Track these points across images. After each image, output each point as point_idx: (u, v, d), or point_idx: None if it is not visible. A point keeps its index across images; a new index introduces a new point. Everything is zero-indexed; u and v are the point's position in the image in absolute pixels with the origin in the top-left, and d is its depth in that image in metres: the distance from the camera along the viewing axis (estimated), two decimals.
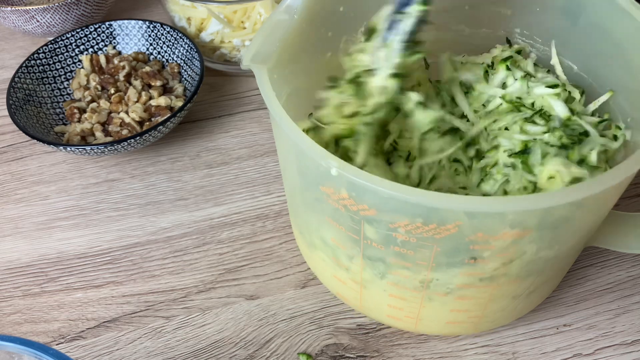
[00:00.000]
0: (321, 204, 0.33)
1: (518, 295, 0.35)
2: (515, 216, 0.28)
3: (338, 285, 0.39)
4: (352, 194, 0.29)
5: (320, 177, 0.31)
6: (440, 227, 0.28)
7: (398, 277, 0.34)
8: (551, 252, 0.32)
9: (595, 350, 0.40)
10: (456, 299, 0.34)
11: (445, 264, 0.31)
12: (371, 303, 0.38)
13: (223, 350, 0.41)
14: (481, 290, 0.33)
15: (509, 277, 0.33)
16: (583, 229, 0.33)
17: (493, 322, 0.38)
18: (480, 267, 0.31)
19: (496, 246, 0.30)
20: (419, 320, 0.37)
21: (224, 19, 0.57)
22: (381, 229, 0.30)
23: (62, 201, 0.51)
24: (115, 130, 0.53)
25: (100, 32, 0.59)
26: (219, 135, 0.56)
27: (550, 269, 0.35)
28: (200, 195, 0.51)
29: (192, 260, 0.46)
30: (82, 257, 0.47)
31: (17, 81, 0.54)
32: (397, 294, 0.35)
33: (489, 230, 0.29)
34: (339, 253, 0.35)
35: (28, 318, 0.43)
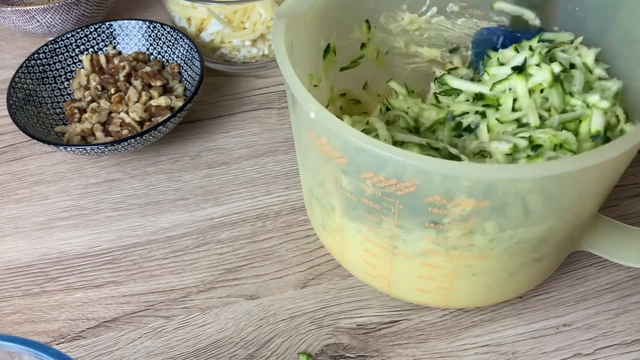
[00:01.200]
0: (310, 151, 0.35)
1: (484, 276, 0.36)
2: (470, 183, 0.29)
3: (326, 237, 0.41)
4: (328, 140, 0.32)
5: (306, 122, 0.33)
6: (400, 184, 0.30)
7: (370, 232, 0.35)
8: (517, 235, 0.32)
9: (595, 350, 0.40)
10: (423, 265, 0.35)
11: (409, 224, 0.33)
12: (350, 256, 0.39)
13: (223, 350, 0.41)
14: (445, 260, 0.34)
15: (471, 252, 0.33)
16: (555, 220, 0.33)
17: (462, 299, 0.39)
18: (441, 234, 0.32)
19: (455, 213, 0.30)
20: (391, 282, 0.38)
21: (224, 19, 0.57)
22: (352, 179, 0.32)
23: (62, 201, 0.51)
24: (115, 130, 0.53)
25: (100, 32, 0.59)
26: (219, 135, 0.56)
27: (519, 258, 0.35)
28: (200, 195, 0.51)
29: (192, 260, 0.46)
30: (82, 257, 0.47)
31: (18, 81, 0.54)
32: (371, 249, 0.36)
33: (445, 195, 0.29)
34: (324, 202, 0.37)
35: (28, 318, 0.43)
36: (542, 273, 0.39)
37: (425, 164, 0.28)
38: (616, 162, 0.31)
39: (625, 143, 0.28)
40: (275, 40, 0.34)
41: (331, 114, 0.30)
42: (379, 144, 0.28)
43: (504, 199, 0.30)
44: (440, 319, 0.42)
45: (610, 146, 0.28)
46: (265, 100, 0.59)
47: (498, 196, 0.30)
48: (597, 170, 0.30)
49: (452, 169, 0.28)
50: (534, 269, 0.37)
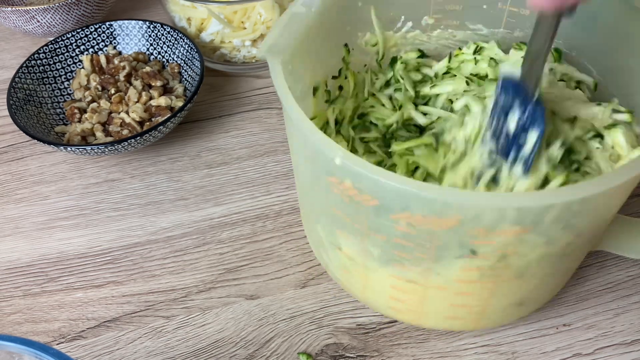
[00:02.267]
0: (328, 195, 0.33)
1: (519, 294, 0.35)
2: (517, 213, 0.28)
3: (342, 275, 0.39)
4: (354, 183, 0.30)
5: (326, 167, 0.31)
6: (440, 220, 0.29)
7: (400, 269, 0.34)
8: (552, 252, 0.32)
9: (595, 350, 0.40)
10: (455, 295, 0.34)
11: (445, 257, 0.32)
12: (373, 294, 0.38)
13: (223, 350, 0.41)
14: (480, 286, 0.34)
15: (506, 274, 0.33)
16: (585, 232, 0.33)
17: (494, 320, 0.38)
18: (479, 262, 0.31)
19: (496, 242, 0.30)
20: (422, 315, 0.37)
21: (224, 19, 0.57)
22: (384, 219, 0.31)
23: (63, 201, 0.51)
24: (115, 130, 0.53)
25: (100, 32, 0.59)
26: (219, 135, 0.56)
27: (551, 270, 0.35)
28: (200, 195, 0.51)
29: (192, 260, 0.46)
30: (82, 257, 0.47)
31: (18, 81, 0.54)
32: (399, 286, 0.35)
33: (489, 225, 0.29)
34: (341, 241, 0.36)
35: (28, 318, 0.44)
36: (563, 281, 0.40)
37: (471, 200, 0.27)
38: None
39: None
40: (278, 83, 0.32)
41: (359, 157, 0.29)
42: (421, 185, 0.27)
43: (547, 222, 0.29)
44: None
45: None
46: (265, 100, 0.59)
47: (543, 221, 0.29)
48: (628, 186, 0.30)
49: (501, 202, 0.27)
50: (561, 279, 0.38)
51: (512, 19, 0.44)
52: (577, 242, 0.33)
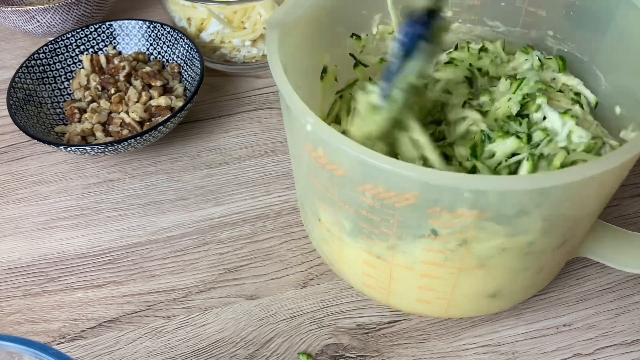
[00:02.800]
0: (305, 162, 0.35)
1: (487, 285, 0.36)
2: (472, 195, 0.28)
3: (323, 247, 0.40)
4: (325, 152, 0.31)
5: (303, 134, 0.32)
6: (400, 195, 0.29)
7: (368, 244, 0.35)
8: (515, 246, 0.32)
9: (595, 350, 0.40)
10: (422, 276, 0.35)
11: (408, 235, 0.32)
12: (348, 268, 0.39)
13: (223, 350, 0.41)
14: (445, 271, 0.34)
15: (471, 262, 0.33)
16: (555, 230, 0.33)
17: (465, 310, 0.38)
18: (441, 244, 0.32)
19: (455, 224, 0.30)
20: (390, 293, 0.38)
21: (224, 19, 0.57)
22: (350, 191, 0.32)
23: (63, 201, 0.51)
24: (115, 130, 0.53)
25: (100, 32, 0.59)
26: (219, 135, 0.56)
27: (519, 265, 0.34)
28: (201, 195, 0.51)
29: (192, 260, 0.46)
30: (82, 257, 0.47)
31: (18, 81, 0.54)
32: (369, 261, 0.36)
33: (446, 206, 0.29)
34: (320, 213, 0.37)
35: (28, 318, 0.43)
36: (541, 281, 0.39)
37: (427, 177, 0.27)
38: (619, 171, 0.31)
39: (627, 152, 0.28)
40: (270, 52, 0.33)
41: (328, 126, 0.29)
42: (379, 157, 0.28)
43: (507, 210, 0.30)
44: (440, 319, 0.42)
45: (613, 155, 0.28)
46: (265, 100, 0.59)
47: (501, 207, 0.29)
48: (598, 180, 0.30)
49: (454, 181, 0.27)
50: (533, 277, 0.37)
51: (529, 18, 0.44)
52: (544, 240, 0.33)
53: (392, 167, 0.28)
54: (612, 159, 0.28)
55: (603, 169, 0.28)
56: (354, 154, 0.28)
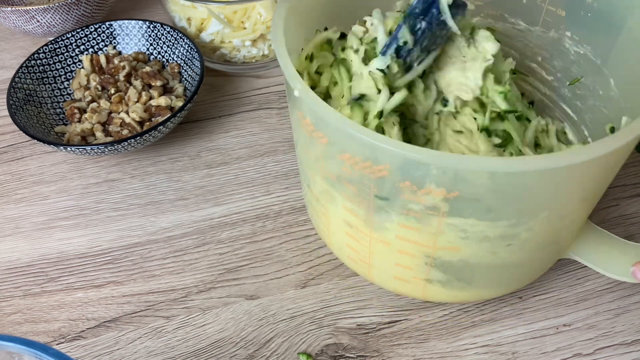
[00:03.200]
0: (298, 131, 0.36)
1: (459, 272, 0.36)
2: (438, 172, 0.29)
3: (316, 219, 0.42)
4: (311, 119, 0.32)
5: (294, 100, 0.34)
6: (374, 167, 0.30)
7: (349, 215, 0.35)
8: (488, 230, 0.32)
9: (595, 350, 0.40)
10: (399, 252, 0.35)
11: (384, 208, 0.33)
12: (335, 239, 0.40)
13: (223, 350, 0.41)
14: (419, 249, 0.34)
15: (443, 243, 0.33)
16: (533, 221, 0.32)
17: (438, 293, 0.38)
18: (414, 221, 0.32)
19: (426, 201, 0.30)
20: (371, 267, 0.38)
21: (224, 19, 0.57)
22: (333, 159, 0.33)
23: (62, 201, 0.51)
24: (115, 130, 0.53)
25: (100, 32, 0.59)
26: (219, 135, 0.56)
27: (494, 257, 0.34)
28: (200, 195, 0.51)
29: (192, 260, 0.46)
30: (82, 257, 0.47)
31: (18, 81, 0.54)
32: (351, 233, 0.37)
33: (416, 181, 0.30)
34: (311, 182, 0.38)
35: (28, 318, 0.43)
36: (523, 276, 0.39)
37: (393, 148, 0.28)
38: (595, 166, 0.30)
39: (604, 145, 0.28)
40: (276, 18, 0.34)
41: (314, 94, 0.30)
42: (355, 126, 0.29)
43: (474, 190, 0.29)
44: (440, 319, 0.42)
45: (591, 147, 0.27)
46: (265, 100, 0.59)
47: (468, 187, 0.29)
48: (575, 171, 0.29)
49: (419, 156, 0.28)
50: (513, 271, 0.37)
51: (549, 17, 0.44)
52: (522, 231, 0.32)
53: (364, 136, 0.28)
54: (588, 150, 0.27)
55: (579, 160, 0.27)
56: (332, 121, 0.29)
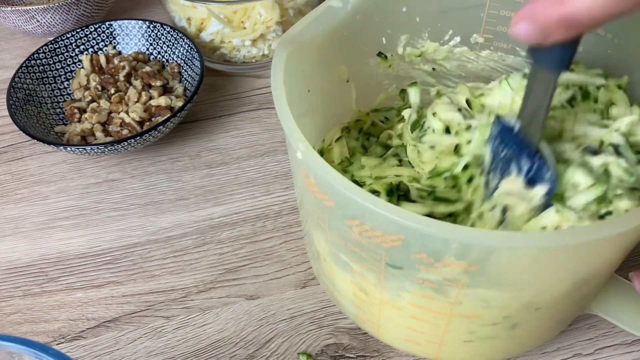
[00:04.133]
0: (301, 188, 0.34)
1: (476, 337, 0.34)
2: (459, 246, 0.27)
3: (319, 271, 0.39)
4: (316, 181, 0.30)
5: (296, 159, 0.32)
6: (385, 236, 0.28)
7: (357, 278, 0.33)
8: (513, 302, 0.30)
9: (595, 350, 0.40)
10: (411, 318, 0.33)
11: (396, 276, 0.31)
12: (342, 298, 0.38)
13: (223, 350, 0.41)
14: (435, 316, 0.32)
15: (461, 312, 0.31)
16: (558, 289, 0.31)
17: (454, 355, 0.37)
18: (430, 291, 0.30)
19: (444, 273, 0.28)
20: (379, 328, 0.37)
21: (224, 19, 0.57)
22: (340, 223, 0.31)
23: (62, 201, 0.51)
24: (115, 130, 0.53)
25: (100, 32, 0.59)
26: (219, 135, 0.56)
27: (515, 323, 0.32)
28: (200, 195, 0.51)
29: (192, 260, 0.46)
30: (82, 257, 0.47)
31: (17, 81, 0.54)
32: (359, 294, 0.35)
33: (433, 254, 0.28)
34: (314, 239, 0.36)
35: (28, 318, 0.43)
36: (542, 337, 0.37)
37: (409, 222, 0.26)
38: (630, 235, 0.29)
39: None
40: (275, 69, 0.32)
41: (318, 155, 0.28)
42: (364, 194, 0.27)
43: (496, 264, 0.28)
44: None
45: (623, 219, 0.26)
46: (265, 100, 0.59)
47: (490, 261, 0.28)
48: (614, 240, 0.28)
49: (437, 231, 0.26)
50: (532, 333, 0.35)
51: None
52: (546, 298, 0.31)
53: (374, 206, 0.26)
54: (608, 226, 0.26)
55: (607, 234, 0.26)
56: (340, 188, 0.27)
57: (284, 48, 0.33)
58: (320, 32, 0.36)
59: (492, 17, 0.43)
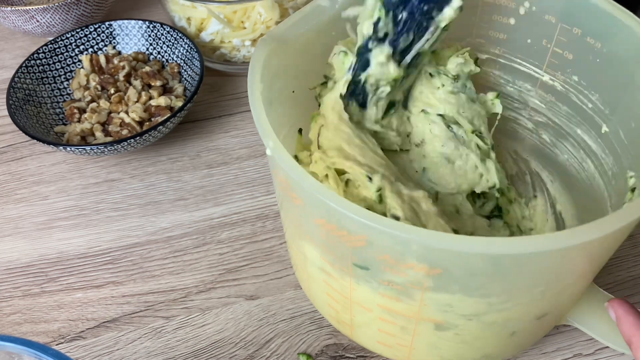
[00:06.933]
0: (275, 181, 0.34)
1: (446, 342, 0.33)
2: (419, 249, 0.26)
3: (297, 271, 0.40)
4: (286, 178, 0.30)
5: (269, 158, 0.32)
6: (350, 236, 0.28)
7: (328, 278, 0.33)
8: (479, 309, 0.30)
9: (596, 350, 0.40)
10: (380, 319, 0.33)
11: (363, 277, 0.30)
12: (316, 297, 0.38)
13: (223, 350, 0.41)
14: (403, 319, 0.32)
15: (429, 316, 0.31)
16: (527, 297, 0.30)
17: (426, 359, 0.36)
18: (396, 293, 0.30)
19: (408, 275, 0.28)
20: (353, 328, 0.36)
21: (224, 19, 0.57)
22: (309, 221, 0.31)
23: (62, 201, 0.51)
24: (115, 130, 0.53)
25: (100, 32, 0.59)
26: (219, 135, 0.56)
27: (485, 329, 0.32)
28: (200, 195, 0.51)
29: (192, 260, 0.46)
30: (82, 257, 0.47)
31: (17, 81, 0.54)
32: (332, 294, 0.35)
33: (396, 256, 0.27)
34: (290, 236, 0.36)
35: (28, 318, 0.43)
36: (516, 345, 0.36)
37: (370, 222, 0.25)
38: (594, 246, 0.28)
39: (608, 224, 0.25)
40: (253, 66, 0.32)
41: (286, 152, 0.28)
42: (325, 192, 0.26)
43: (460, 269, 0.27)
44: None
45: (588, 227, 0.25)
46: None
47: (453, 266, 0.27)
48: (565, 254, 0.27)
49: (400, 232, 0.25)
50: (505, 341, 0.34)
51: (555, 60, 0.41)
52: (515, 306, 0.30)
53: (338, 206, 0.26)
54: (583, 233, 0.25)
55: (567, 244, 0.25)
56: (305, 185, 0.27)
57: (265, 46, 0.33)
58: (307, 31, 0.36)
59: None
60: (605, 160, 0.39)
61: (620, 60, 0.37)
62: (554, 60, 0.41)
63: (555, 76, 0.42)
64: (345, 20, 0.38)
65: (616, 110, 0.38)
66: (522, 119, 0.46)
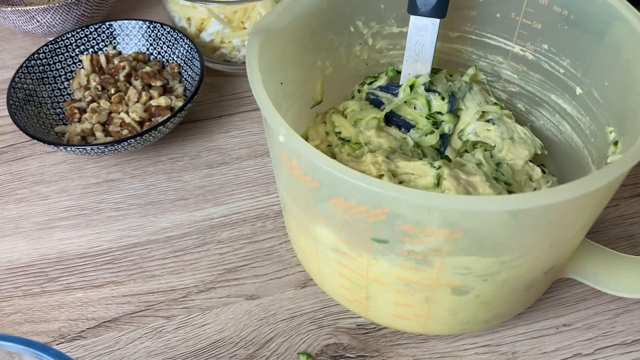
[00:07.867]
0: (282, 169, 0.34)
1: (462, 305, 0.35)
2: (441, 214, 0.28)
3: (302, 257, 0.40)
4: (299, 163, 0.31)
5: (277, 144, 0.32)
6: (370, 211, 0.29)
7: (344, 257, 0.34)
8: (494, 268, 0.31)
9: (595, 350, 0.40)
10: (398, 292, 0.34)
11: (382, 251, 0.32)
12: (327, 279, 0.38)
13: (223, 350, 0.41)
14: (421, 288, 0.33)
15: (447, 281, 0.32)
16: (537, 252, 0.32)
17: (440, 327, 0.37)
18: (416, 262, 0.31)
19: (428, 242, 0.29)
20: (368, 307, 0.37)
21: (224, 19, 0.57)
22: (323, 202, 0.31)
23: (63, 201, 0.51)
24: (115, 130, 0.53)
25: (100, 32, 0.59)
26: (219, 135, 0.56)
27: (498, 289, 0.33)
28: (200, 195, 0.51)
29: (192, 260, 0.46)
30: (82, 257, 0.47)
31: (18, 81, 0.54)
32: (346, 274, 0.35)
33: (417, 224, 0.29)
34: (299, 222, 0.37)
35: (28, 318, 0.43)
36: (523, 302, 0.38)
37: (395, 193, 0.27)
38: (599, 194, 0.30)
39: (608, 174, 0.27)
40: (249, 59, 0.33)
41: (300, 138, 0.29)
42: (349, 171, 0.27)
43: (479, 230, 0.29)
44: None
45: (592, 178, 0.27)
46: None
47: (473, 227, 0.29)
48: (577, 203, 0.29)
49: (423, 200, 0.26)
50: (514, 297, 0.36)
51: (524, 31, 0.43)
52: (527, 261, 0.32)
53: (360, 182, 0.27)
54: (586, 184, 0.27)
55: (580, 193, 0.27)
56: (324, 167, 0.28)
57: (256, 38, 0.34)
58: (289, 23, 0.37)
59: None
60: (582, 120, 0.40)
61: (588, 24, 0.38)
62: (523, 32, 0.43)
63: (526, 46, 0.43)
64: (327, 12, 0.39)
65: (588, 72, 0.39)
66: (496, 91, 0.47)
